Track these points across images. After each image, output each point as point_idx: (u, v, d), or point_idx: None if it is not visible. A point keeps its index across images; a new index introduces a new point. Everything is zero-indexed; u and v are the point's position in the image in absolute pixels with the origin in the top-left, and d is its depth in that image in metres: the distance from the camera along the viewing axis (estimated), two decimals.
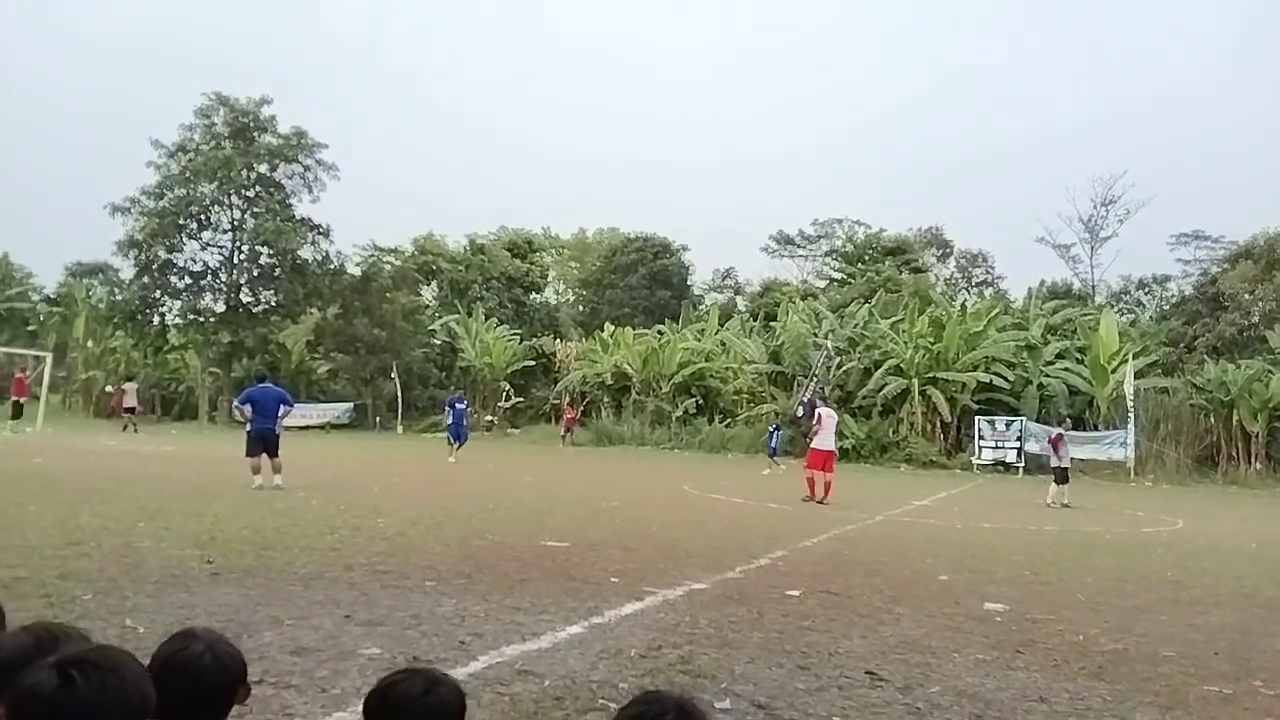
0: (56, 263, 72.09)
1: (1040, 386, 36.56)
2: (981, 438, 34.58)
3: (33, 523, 8.79)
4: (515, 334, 49.85)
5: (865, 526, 13.08)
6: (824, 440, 16.72)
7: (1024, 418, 34.56)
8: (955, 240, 62.16)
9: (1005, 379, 35.99)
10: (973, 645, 5.88)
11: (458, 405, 25.56)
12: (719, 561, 8.76)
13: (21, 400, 30.57)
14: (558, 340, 51.17)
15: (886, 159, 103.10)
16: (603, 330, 48.64)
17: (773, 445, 28.57)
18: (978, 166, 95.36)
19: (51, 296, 53.30)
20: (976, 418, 35.13)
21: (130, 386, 36.40)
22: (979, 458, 34.21)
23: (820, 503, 15.94)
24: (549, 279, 65.10)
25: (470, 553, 8.56)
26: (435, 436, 42.19)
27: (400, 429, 44.14)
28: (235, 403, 15.93)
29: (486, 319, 49.93)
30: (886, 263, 54.23)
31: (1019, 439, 33.78)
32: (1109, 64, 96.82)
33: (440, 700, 1.97)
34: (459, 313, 50.13)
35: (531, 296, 58.39)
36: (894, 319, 40.39)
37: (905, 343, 38.09)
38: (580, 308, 62.71)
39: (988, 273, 61.62)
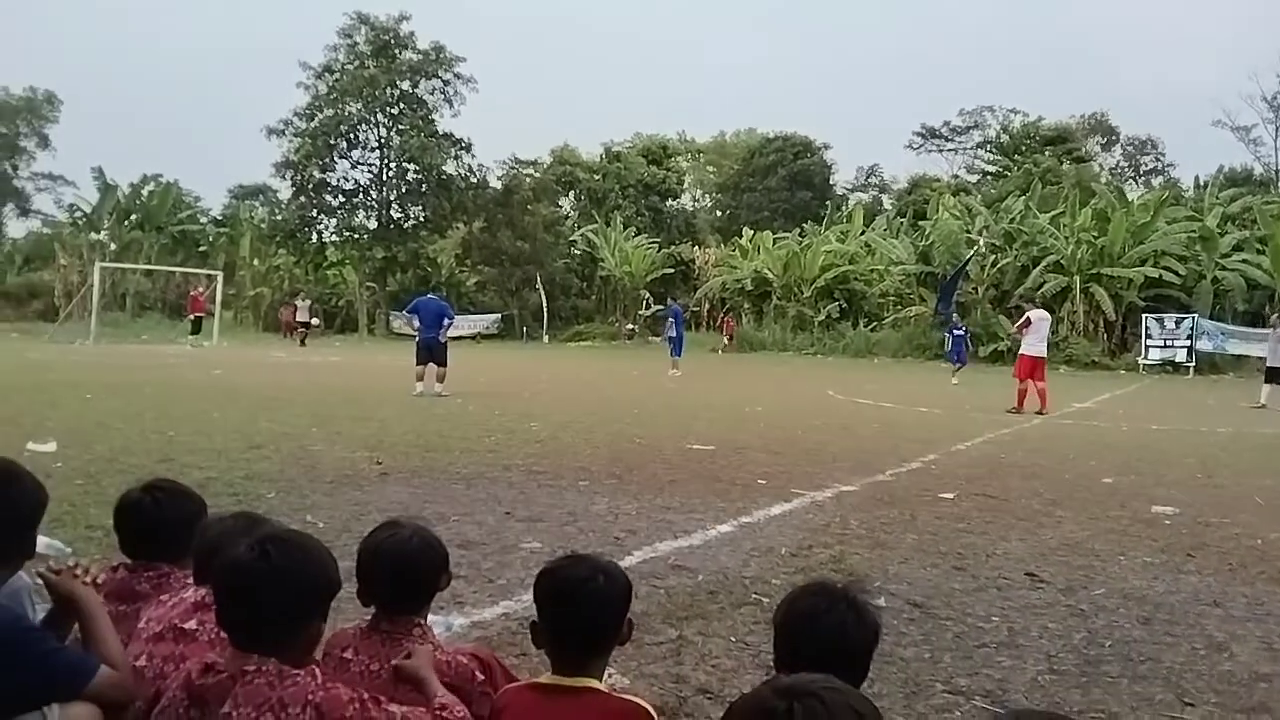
0: (220, 186, 76.37)
1: (1215, 281, 34.06)
2: (1149, 336, 32.63)
3: (217, 428, 9.52)
4: (653, 242, 49.81)
5: (1022, 430, 12.64)
6: (1034, 345, 15.37)
7: (1196, 314, 32.37)
8: (1121, 126, 58.02)
9: (1176, 273, 33.68)
10: (1139, 548, 5.65)
11: (678, 314, 24.82)
12: (868, 465, 8.66)
13: (199, 316, 32.85)
14: (696, 247, 50.90)
15: (1043, 40, 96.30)
16: (741, 235, 48.03)
17: (958, 350, 25.28)
18: (1147, 45, 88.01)
19: (218, 218, 56.44)
20: (1144, 315, 33.14)
21: (303, 303, 38.44)
22: (1146, 357, 32.36)
23: (1040, 413, 14.51)
24: (685, 185, 64.40)
25: (619, 455, 8.76)
26: (580, 345, 43.08)
27: (546, 338, 45.21)
28: (405, 312, 16.86)
29: (624, 228, 50.06)
30: (1045, 153, 51.06)
31: (1190, 337, 31.72)
32: None
33: (599, 587, 2.04)
34: (597, 222, 50.44)
35: (668, 203, 58.02)
36: (1054, 212, 38.13)
37: (1066, 237, 36.02)
38: (718, 213, 61.95)
39: (1157, 160, 57.48)
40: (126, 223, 50.04)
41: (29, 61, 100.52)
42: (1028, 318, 15.61)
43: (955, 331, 25.87)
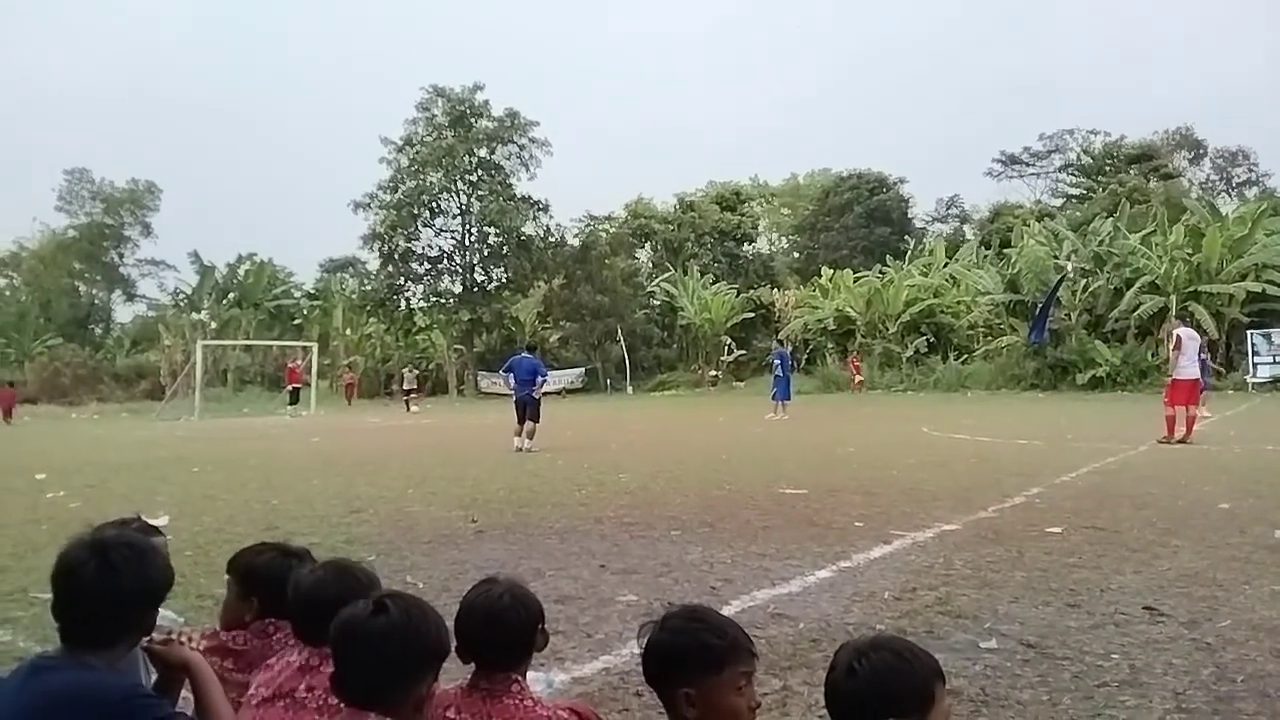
0: (312, 261, 79.38)
1: None
2: (1256, 353, 31.21)
3: (318, 495, 9.77)
4: (732, 288, 49.85)
5: (1128, 457, 12.14)
6: (1187, 368, 14.31)
7: None
8: (1209, 139, 56.19)
9: None
10: (1265, 576, 5.33)
11: (784, 357, 24.62)
12: (969, 502, 8.41)
13: (297, 387, 33.95)
14: (775, 290, 50.73)
15: (1120, 57, 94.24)
16: (820, 275, 47.71)
17: (1204, 377, 23.82)
18: (1229, 53, 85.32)
19: (311, 292, 58.62)
20: (1249, 332, 31.74)
21: (410, 373, 39.52)
22: (1254, 375, 30.92)
23: (1182, 442, 13.55)
24: (760, 229, 64.45)
25: (710, 502, 8.69)
26: (664, 394, 43.13)
27: (630, 389, 45.41)
28: (501, 371, 17.41)
29: (702, 275, 50.27)
30: (1130, 171, 49.77)
31: None
32: None
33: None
34: (674, 272, 50.75)
35: (744, 248, 58.10)
36: (1144, 232, 37.01)
37: (1159, 256, 34.88)
38: (795, 254, 61.73)
39: (1250, 171, 55.49)
40: (225, 301, 52.33)
41: (128, 153, 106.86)
42: (1178, 337, 14.61)
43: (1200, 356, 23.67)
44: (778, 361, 24.43)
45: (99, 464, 13.87)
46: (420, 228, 45.93)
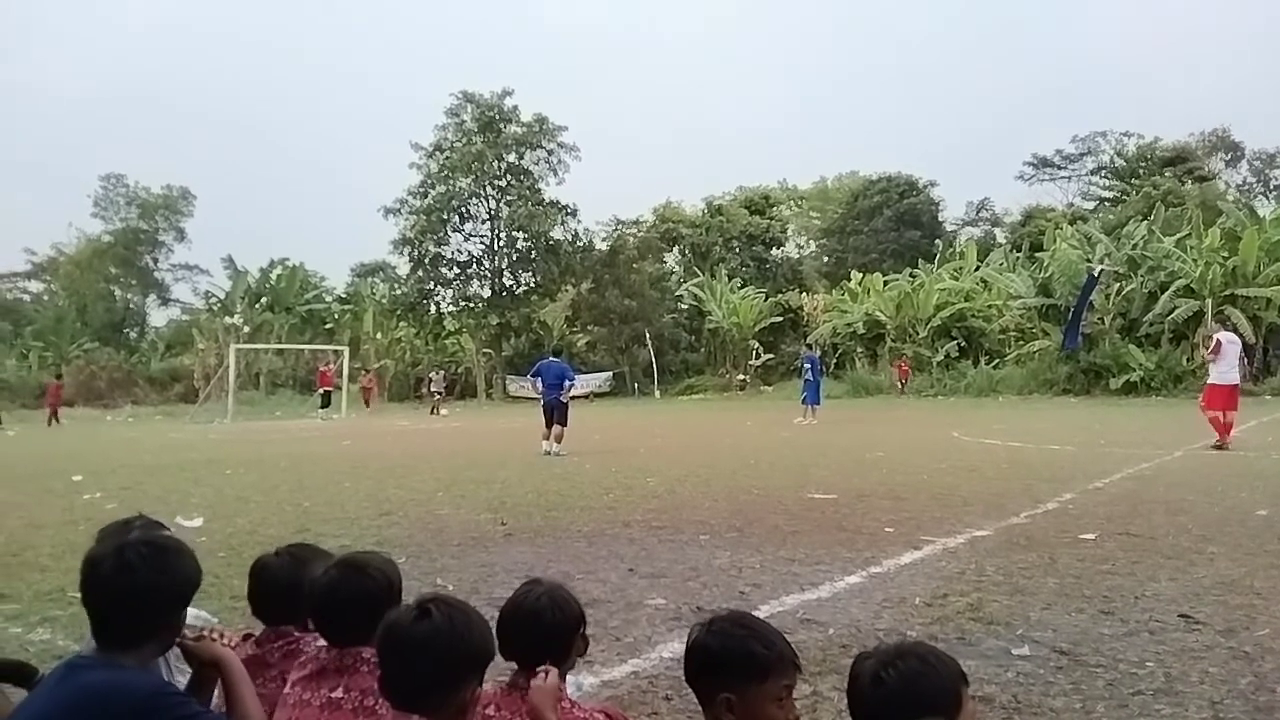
0: (343, 265, 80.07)
1: None
2: None
3: (349, 497, 9.85)
4: (760, 292, 49.66)
5: (1163, 463, 11.98)
6: (1226, 372, 14.14)
7: None
8: (1246, 141, 55.39)
9: None
10: None
11: (815, 361, 24.44)
12: (1001, 507, 8.33)
13: (328, 390, 34.24)
14: (803, 294, 50.50)
15: (1155, 57, 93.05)
16: (849, 279, 47.47)
17: None
18: (1268, 53, 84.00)
19: (342, 296, 58.99)
20: None
21: (437, 375, 39.74)
22: None
23: (1218, 448, 13.39)
24: (789, 232, 64.16)
25: (739, 507, 8.67)
26: (691, 398, 43.06)
27: (657, 393, 45.37)
28: (529, 375, 17.44)
29: (730, 279, 50.15)
30: (1165, 174, 49.14)
31: None
32: None
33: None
34: (702, 276, 50.69)
35: (773, 252, 57.85)
36: (1179, 235, 36.52)
37: (1195, 260, 34.38)
38: (824, 258, 61.44)
39: None
40: (258, 305, 52.80)
41: (162, 159, 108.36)
42: (1218, 340, 14.39)
43: None
44: (808, 365, 24.24)
45: (134, 466, 14.07)
46: (450, 233, 46.27)
